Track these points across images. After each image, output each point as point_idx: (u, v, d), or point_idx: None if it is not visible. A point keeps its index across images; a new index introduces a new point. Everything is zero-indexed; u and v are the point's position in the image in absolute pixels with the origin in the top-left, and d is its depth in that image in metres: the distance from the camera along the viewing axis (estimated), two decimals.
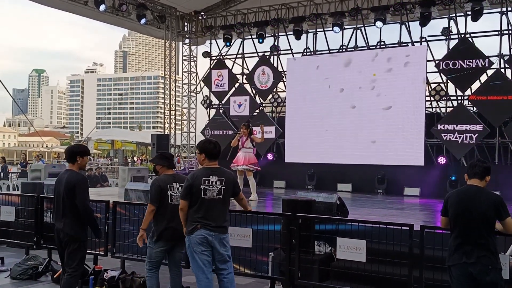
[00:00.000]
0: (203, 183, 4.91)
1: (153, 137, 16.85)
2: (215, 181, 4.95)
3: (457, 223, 4.33)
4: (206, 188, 4.91)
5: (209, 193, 4.92)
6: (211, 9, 18.55)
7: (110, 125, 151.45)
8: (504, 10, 13.16)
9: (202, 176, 4.94)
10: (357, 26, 15.28)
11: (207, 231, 4.88)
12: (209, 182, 4.93)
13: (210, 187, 4.92)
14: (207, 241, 4.88)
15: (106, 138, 45.46)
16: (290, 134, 15.71)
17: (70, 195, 5.18)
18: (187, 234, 4.95)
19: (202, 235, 4.87)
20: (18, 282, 6.85)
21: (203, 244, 4.87)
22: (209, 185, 4.92)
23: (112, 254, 6.94)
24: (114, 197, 9.83)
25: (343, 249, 5.48)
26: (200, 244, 4.87)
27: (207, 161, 5.07)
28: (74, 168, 5.36)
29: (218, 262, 4.98)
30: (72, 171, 5.34)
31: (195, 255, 4.88)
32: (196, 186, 4.90)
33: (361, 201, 11.63)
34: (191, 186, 4.92)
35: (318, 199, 6.69)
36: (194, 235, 4.88)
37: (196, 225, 4.88)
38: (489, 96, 12.83)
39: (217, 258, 4.97)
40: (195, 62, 19.72)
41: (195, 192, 4.90)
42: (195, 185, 4.91)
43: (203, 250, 4.87)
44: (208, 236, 4.88)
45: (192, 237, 4.90)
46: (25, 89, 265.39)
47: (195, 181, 4.93)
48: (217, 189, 4.95)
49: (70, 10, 17.07)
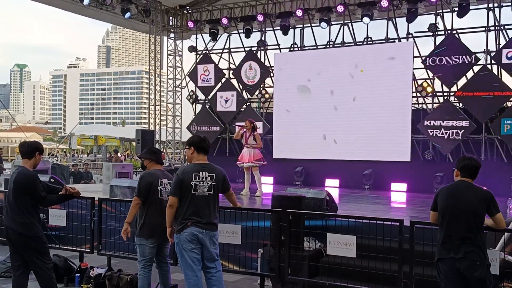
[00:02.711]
0: (194, 179, 4.80)
1: (137, 132, 16.66)
2: (206, 177, 4.85)
3: (446, 218, 4.34)
4: (197, 184, 4.80)
5: (200, 189, 4.81)
6: (196, 3, 18.37)
7: (94, 121, 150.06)
8: (491, 6, 13.23)
9: (192, 172, 4.83)
10: (344, 22, 15.26)
11: (198, 229, 4.78)
12: (199, 178, 4.82)
13: (200, 183, 4.81)
14: (197, 238, 4.79)
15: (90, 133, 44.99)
16: (278, 130, 15.66)
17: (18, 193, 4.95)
18: (177, 232, 4.84)
19: (193, 233, 4.77)
20: (3, 280, 6.74)
21: (193, 241, 4.77)
22: (200, 181, 4.82)
23: (98, 251, 6.86)
24: (98, 194, 9.70)
25: (333, 245, 5.47)
26: (190, 241, 4.77)
27: (196, 155, 4.95)
28: (27, 165, 5.11)
29: (206, 261, 4.88)
30: (25, 168, 5.09)
31: (184, 252, 4.78)
32: (186, 181, 4.79)
33: (349, 197, 11.64)
34: (181, 182, 4.79)
35: (308, 195, 6.67)
36: (184, 232, 4.78)
37: (186, 223, 4.78)
38: (476, 92, 12.90)
39: (206, 256, 4.87)
40: (180, 57, 19.57)
41: (185, 188, 4.78)
42: (185, 180, 4.79)
43: (192, 247, 4.77)
44: (198, 234, 4.78)
45: (181, 235, 4.79)
46: (6, 84, 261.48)
47: (185, 176, 4.81)
48: (208, 185, 4.85)
49: (53, 4, 16.81)
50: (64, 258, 6.94)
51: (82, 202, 7.00)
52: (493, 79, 12.86)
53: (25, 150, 5.14)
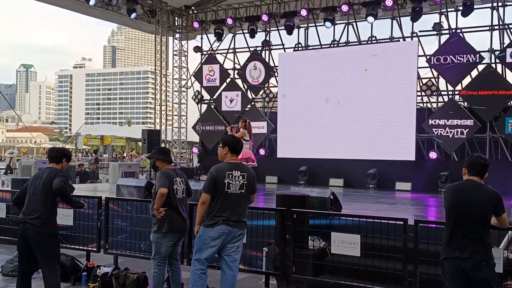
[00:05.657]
0: (227, 177, 4.87)
1: (144, 132, 16.74)
2: (238, 176, 4.92)
3: (452, 216, 4.30)
4: (230, 182, 4.87)
5: (232, 187, 4.88)
6: (201, 4, 18.44)
7: (99, 121, 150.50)
8: (495, 5, 13.21)
9: (226, 170, 4.90)
10: (349, 21, 15.27)
11: (228, 227, 4.85)
12: (232, 177, 4.89)
13: (233, 182, 4.88)
14: (223, 237, 4.85)
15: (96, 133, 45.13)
16: (282, 129, 15.70)
17: (48, 188, 5.14)
18: (205, 226, 4.88)
19: (222, 231, 4.83)
20: (10, 279, 6.78)
21: (218, 238, 4.84)
22: (232, 179, 4.88)
23: (105, 250, 6.91)
24: (105, 193, 9.78)
25: (338, 243, 5.50)
26: (215, 239, 4.83)
27: (229, 155, 5.04)
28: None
29: (227, 258, 4.91)
30: (54, 168, 5.34)
31: (204, 246, 4.85)
32: (220, 179, 4.86)
33: (353, 196, 11.66)
34: (215, 179, 4.86)
35: (312, 194, 6.70)
36: (214, 229, 4.83)
37: (218, 220, 4.83)
38: (480, 91, 12.89)
39: (226, 253, 4.91)
40: (186, 57, 19.65)
41: (219, 186, 4.85)
42: (219, 178, 4.86)
43: (213, 245, 4.85)
44: (227, 232, 4.85)
45: (210, 231, 4.84)
46: (12, 85, 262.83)
47: (219, 174, 4.88)
48: (240, 183, 4.91)
49: (59, 4, 16.92)
50: (71, 257, 6.99)
51: (89, 202, 7.07)
52: (497, 78, 12.85)
53: (54, 155, 5.42)
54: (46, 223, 5.14)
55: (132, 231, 6.85)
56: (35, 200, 5.17)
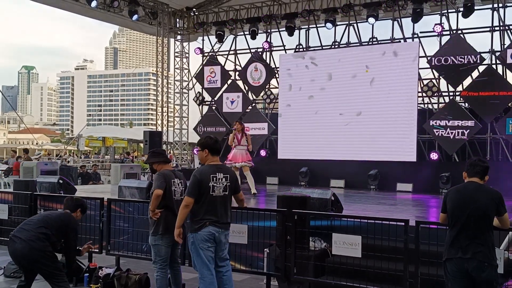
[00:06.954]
0: (211, 180, 4.89)
1: (145, 134, 16.77)
2: (221, 178, 4.95)
3: (455, 218, 4.31)
4: (214, 185, 4.90)
5: (217, 190, 4.91)
6: (203, 5, 18.48)
7: (101, 122, 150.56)
8: (496, 7, 13.23)
9: (210, 173, 4.92)
10: (350, 22, 15.29)
11: (215, 228, 4.89)
12: (216, 179, 4.92)
13: (217, 184, 4.92)
14: (214, 237, 4.89)
15: (97, 135, 45.13)
16: (283, 131, 15.71)
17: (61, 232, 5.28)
18: (193, 231, 4.91)
19: (210, 232, 4.87)
20: (12, 280, 6.79)
21: (210, 240, 4.88)
22: (217, 182, 4.92)
23: (107, 252, 6.94)
24: (107, 194, 9.79)
25: (339, 244, 5.50)
26: (207, 240, 4.87)
27: (210, 157, 5.05)
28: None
29: (219, 260, 5.00)
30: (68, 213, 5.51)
31: (201, 251, 4.87)
32: (204, 182, 4.88)
33: (355, 197, 11.66)
34: (199, 182, 4.88)
35: (313, 195, 6.70)
36: (202, 232, 4.86)
37: (204, 222, 4.86)
38: (481, 92, 12.89)
39: (219, 255, 4.98)
40: (187, 59, 19.69)
41: (203, 189, 4.87)
42: (203, 181, 4.88)
43: (209, 246, 4.88)
44: (215, 233, 4.89)
45: (199, 234, 4.87)
46: (14, 86, 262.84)
47: (203, 177, 4.90)
48: (223, 186, 4.95)
49: (60, 6, 16.98)
50: None
51: (91, 203, 7.09)
52: (498, 79, 12.85)
53: (70, 204, 5.68)
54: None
55: (134, 232, 6.87)
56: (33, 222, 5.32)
